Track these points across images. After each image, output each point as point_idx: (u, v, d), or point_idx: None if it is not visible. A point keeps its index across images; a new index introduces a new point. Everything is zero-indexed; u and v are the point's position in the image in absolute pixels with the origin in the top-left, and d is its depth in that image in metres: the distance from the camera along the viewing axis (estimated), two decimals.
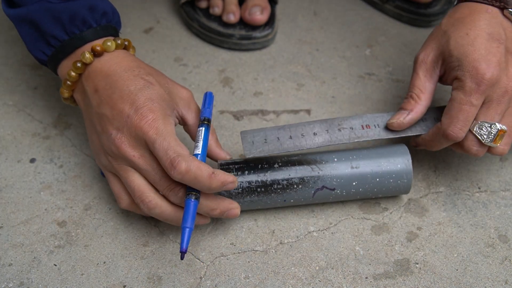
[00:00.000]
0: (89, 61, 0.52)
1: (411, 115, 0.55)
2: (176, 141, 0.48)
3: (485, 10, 0.53)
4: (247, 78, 0.72)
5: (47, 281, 0.52)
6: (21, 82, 0.70)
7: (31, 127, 0.65)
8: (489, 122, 0.52)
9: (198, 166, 0.46)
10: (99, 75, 0.52)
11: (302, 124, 0.55)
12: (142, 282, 0.52)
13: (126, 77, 0.51)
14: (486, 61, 0.51)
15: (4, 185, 0.59)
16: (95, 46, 0.52)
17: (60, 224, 0.56)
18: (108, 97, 0.50)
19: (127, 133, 0.49)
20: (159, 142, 0.47)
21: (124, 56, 0.54)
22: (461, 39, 0.52)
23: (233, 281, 0.52)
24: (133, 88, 0.50)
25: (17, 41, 0.76)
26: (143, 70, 0.52)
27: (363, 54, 0.76)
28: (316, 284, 0.52)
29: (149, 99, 0.50)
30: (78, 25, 0.52)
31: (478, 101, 0.51)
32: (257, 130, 0.55)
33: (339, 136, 0.55)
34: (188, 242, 0.46)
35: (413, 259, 0.54)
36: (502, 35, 0.52)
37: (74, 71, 0.53)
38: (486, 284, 0.52)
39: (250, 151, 0.53)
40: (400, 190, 0.56)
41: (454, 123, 0.52)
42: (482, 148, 0.54)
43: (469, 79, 0.51)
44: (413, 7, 0.79)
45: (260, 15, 0.74)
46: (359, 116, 0.56)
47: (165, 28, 0.79)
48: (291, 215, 0.57)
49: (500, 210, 0.58)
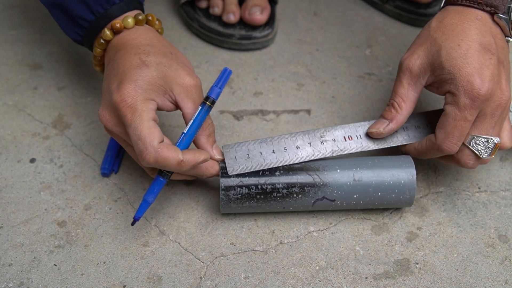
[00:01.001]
0: (109, 38, 0.54)
1: (390, 125, 0.54)
2: (149, 129, 0.48)
3: (475, 16, 0.52)
4: (247, 78, 0.72)
5: (47, 281, 0.52)
6: (21, 82, 0.70)
7: (31, 127, 0.65)
8: (485, 137, 0.51)
9: (165, 157, 0.48)
10: (113, 49, 0.54)
11: (284, 137, 0.55)
12: (142, 282, 0.52)
13: (127, 55, 0.52)
14: (480, 76, 0.49)
15: (4, 185, 0.59)
16: (114, 24, 0.54)
17: (60, 224, 0.56)
18: (109, 72, 0.53)
19: (111, 110, 0.51)
20: (132, 129, 0.48)
21: (142, 33, 0.55)
22: (453, 50, 0.50)
23: (233, 281, 0.52)
24: (126, 67, 0.51)
25: (17, 41, 0.76)
26: (148, 49, 0.53)
27: (363, 54, 0.76)
28: (316, 284, 0.52)
29: (133, 81, 0.50)
30: (102, 3, 0.54)
31: (472, 116, 0.50)
32: (239, 144, 0.54)
33: (321, 149, 0.54)
34: (143, 213, 0.52)
35: (413, 259, 0.54)
36: (493, 44, 0.51)
37: (98, 47, 0.56)
38: (486, 284, 0.52)
39: (233, 168, 0.53)
40: (402, 204, 0.55)
41: (450, 139, 0.51)
42: (478, 161, 0.53)
43: (463, 94, 0.50)
44: (413, 7, 0.79)
45: (260, 15, 0.74)
46: (341, 126, 0.56)
47: (165, 28, 0.79)
48: (291, 215, 0.57)
49: (500, 210, 0.58)
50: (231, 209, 0.54)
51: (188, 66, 0.55)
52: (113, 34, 0.55)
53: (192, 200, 0.59)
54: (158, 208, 0.57)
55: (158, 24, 0.58)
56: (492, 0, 0.51)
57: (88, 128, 0.65)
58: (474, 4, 0.52)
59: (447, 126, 0.51)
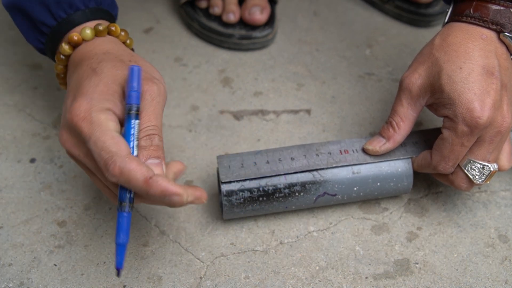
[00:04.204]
0: (67, 53, 0.50)
1: (387, 144, 0.53)
2: (112, 139, 0.42)
3: (479, 35, 0.50)
4: (247, 78, 0.72)
5: (47, 281, 0.52)
6: (21, 82, 0.70)
7: (31, 127, 0.65)
8: (481, 163, 0.50)
9: (134, 169, 0.41)
10: (73, 65, 0.50)
11: (279, 149, 0.55)
12: (142, 282, 0.52)
13: (79, 68, 0.48)
14: (481, 103, 0.47)
15: (4, 185, 0.59)
16: (72, 36, 0.49)
17: (60, 224, 0.56)
18: (67, 90, 0.49)
19: (67, 129, 0.45)
20: (92, 142, 0.43)
21: (100, 43, 0.50)
22: (454, 73, 0.48)
23: (233, 281, 0.52)
24: (78, 80, 0.46)
25: (17, 41, 0.76)
26: (102, 56, 0.48)
27: (363, 54, 0.76)
28: (316, 284, 0.52)
29: (85, 94, 0.45)
30: (65, 8, 0.50)
31: (470, 142, 0.49)
32: (233, 155, 0.54)
33: (316, 161, 0.54)
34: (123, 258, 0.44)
35: (413, 259, 0.54)
36: (496, 67, 0.49)
37: (59, 63, 0.51)
38: (486, 284, 0.52)
39: (226, 176, 0.52)
40: (400, 191, 0.56)
41: (446, 161, 0.51)
42: (471, 185, 0.53)
43: (461, 121, 0.48)
44: (413, 7, 0.79)
45: (260, 15, 0.74)
46: (337, 141, 0.56)
47: (165, 28, 0.79)
48: (291, 215, 0.57)
49: (500, 210, 0.58)
50: (234, 214, 0.54)
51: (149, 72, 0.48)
52: (72, 49, 0.50)
53: None
54: (158, 208, 0.57)
55: (124, 35, 0.52)
56: (498, 19, 0.50)
57: None
58: (480, 22, 0.50)
59: (443, 150, 0.51)
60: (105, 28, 0.50)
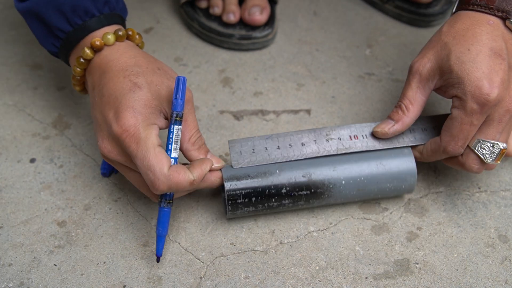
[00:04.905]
0: (89, 57, 0.52)
1: (396, 126, 0.54)
2: (156, 157, 0.47)
3: (486, 21, 0.51)
4: (247, 78, 0.72)
5: (47, 281, 0.52)
6: (21, 82, 0.70)
7: (31, 127, 0.65)
8: (491, 142, 0.51)
9: (178, 182, 0.48)
10: (97, 71, 0.52)
11: (290, 134, 0.55)
12: (142, 282, 0.52)
13: (116, 79, 0.50)
14: (489, 81, 0.49)
15: (4, 185, 0.59)
16: (94, 41, 0.51)
17: (60, 224, 0.56)
18: (100, 99, 0.51)
19: (112, 141, 0.50)
20: (139, 160, 0.47)
21: (125, 51, 0.53)
22: (463, 55, 0.50)
23: (233, 281, 0.52)
24: (119, 93, 0.49)
25: (17, 41, 0.76)
26: (136, 69, 0.51)
27: (363, 54, 0.76)
28: (316, 284, 0.52)
29: (131, 108, 0.48)
30: (81, 15, 0.52)
31: (479, 121, 0.50)
32: (245, 140, 0.55)
33: (326, 147, 0.54)
34: (163, 247, 0.52)
35: (413, 259, 0.54)
36: (504, 50, 0.50)
37: (78, 66, 0.53)
38: (486, 284, 0.52)
39: (238, 162, 0.53)
40: (404, 191, 0.56)
41: (455, 141, 0.51)
42: (482, 166, 0.53)
43: (470, 99, 0.49)
44: (413, 7, 0.79)
45: (260, 15, 0.74)
46: (347, 126, 0.56)
47: (165, 28, 0.79)
48: (291, 215, 0.57)
49: (500, 210, 0.58)
50: (237, 214, 0.54)
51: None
52: (93, 53, 0.52)
53: (192, 200, 0.59)
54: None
55: (138, 38, 0.55)
56: (504, 5, 0.51)
57: (88, 128, 0.65)
58: (486, 9, 0.52)
59: (452, 130, 0.51)
60: (124, 34, 0.53)
